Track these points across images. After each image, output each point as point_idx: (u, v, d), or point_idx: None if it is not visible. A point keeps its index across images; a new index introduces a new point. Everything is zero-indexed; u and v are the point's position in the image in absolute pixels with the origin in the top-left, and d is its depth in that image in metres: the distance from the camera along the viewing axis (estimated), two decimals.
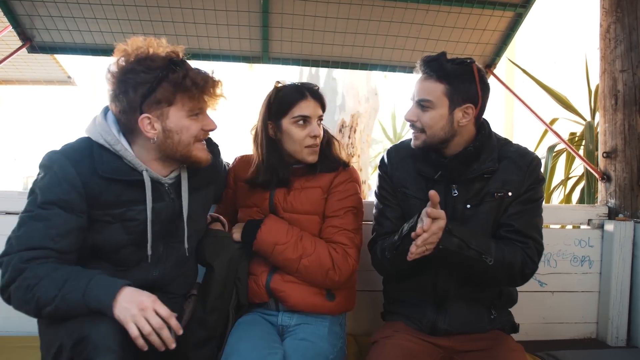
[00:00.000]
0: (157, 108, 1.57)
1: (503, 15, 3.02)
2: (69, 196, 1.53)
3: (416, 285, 1.88)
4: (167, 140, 1.60)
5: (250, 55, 3.23)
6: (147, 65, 1.56)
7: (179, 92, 1.57)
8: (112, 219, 1.61)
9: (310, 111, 1.91)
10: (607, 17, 2.81)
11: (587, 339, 2.69)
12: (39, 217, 1.51)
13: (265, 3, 2.88)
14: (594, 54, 3.21)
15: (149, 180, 1.62)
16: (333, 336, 1.89)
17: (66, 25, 2.88)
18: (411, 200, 1.87)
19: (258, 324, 1.89)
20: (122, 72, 1.56)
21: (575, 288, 2.68)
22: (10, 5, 2.79)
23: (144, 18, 2.90)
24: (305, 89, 1.94)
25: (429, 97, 1.75)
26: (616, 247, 2.62)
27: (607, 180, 2.82)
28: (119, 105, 1.58)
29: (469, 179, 1.80)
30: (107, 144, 1.58)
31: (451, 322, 1.85)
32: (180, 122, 1.60)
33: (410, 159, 1.90)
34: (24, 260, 1.46)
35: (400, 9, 2.93)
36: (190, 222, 1.75)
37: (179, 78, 1.56)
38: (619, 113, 2.75)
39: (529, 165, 1.80)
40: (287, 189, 1.95)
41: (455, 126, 1.77)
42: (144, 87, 1.54)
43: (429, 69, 1.76)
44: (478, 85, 1.75)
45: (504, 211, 1.80)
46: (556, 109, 4.33)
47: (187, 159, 1.67)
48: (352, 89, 6.74)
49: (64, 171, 1.53)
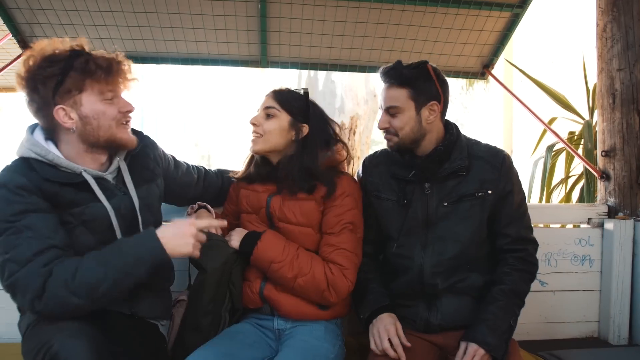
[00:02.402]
0: (69, 97, 1.59)
1: (500, 16, 3.03)
2: (31, 200, 1.53)
3: (405, 284, 1.94)
4: (86, 127, 1.62)
5: (248, 59, 3.25)
6: (51, 59, 1.60)
7: (87, 78, 1.60)
8: (74, 220, 1.61)
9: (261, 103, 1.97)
10: (603, 16, 2.82)
11: (589, 338, 2.69)
12: (20, 229, 1.49)
13: (263, 7, 2.89)
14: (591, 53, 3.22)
15: (92, 178, 1.64)
16: (331, 335, 1.89)
17: (65, 32, 2.89)
18: (384, 202, 1.98)
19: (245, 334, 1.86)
20: (28, 72, 1.59)
21: (576, 287, 2.68)
22: (10, 14, 2.81)
23: (142, 24, 2.91)
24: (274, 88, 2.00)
25: (395, 104, 1.86)
26: (616, 245, 2.62)
27: (607, 179, 2.83)
28: (34, 105, 1.61)
29: (441, 177, 1.89)
30: (39, 157, 1.60)
31: (443, 317, 1.90)
32: (94, 107, 1.62)
33: (383, 164, 2.02)
34: (42, 265, 1.46)
35: (398, 11, 2.94)
36: (146, 212, 1.78)
37: (82, 63, 1.60)
38: (617, 112, 2.76)
39: (502, 163, 1.91)
40: (282, 197, 1.91)
41: (424, 124, 1.87)
42: (52, 80, 1.57)
43: (390, 77, 1.88)
44: (436, 82, 1.87)
45: (495, 217, 1.92)
46: (554, 109, 4.33)
47: (112, 142, 1.68)
48: (351, 91, 6.76)
49: (15, 181, 1.54)
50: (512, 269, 1.89)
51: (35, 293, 1.45)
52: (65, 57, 1.60)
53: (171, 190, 2.01)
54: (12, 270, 1.47)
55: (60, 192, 1.59)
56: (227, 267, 1.85)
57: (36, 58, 1.60)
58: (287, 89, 1.99)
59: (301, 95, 1.98)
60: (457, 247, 1.88)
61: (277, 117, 1.91)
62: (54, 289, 1.45)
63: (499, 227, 1.92)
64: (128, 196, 1.73)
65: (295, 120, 1.92)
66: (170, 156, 2.06)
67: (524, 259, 1.91)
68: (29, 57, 1.61)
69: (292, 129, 1.92)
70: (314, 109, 1.98)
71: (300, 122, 1.93)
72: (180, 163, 2.09)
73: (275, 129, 1.91)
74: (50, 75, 1.57)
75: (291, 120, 1.92)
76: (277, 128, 1.91)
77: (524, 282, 1.90)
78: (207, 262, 1.80)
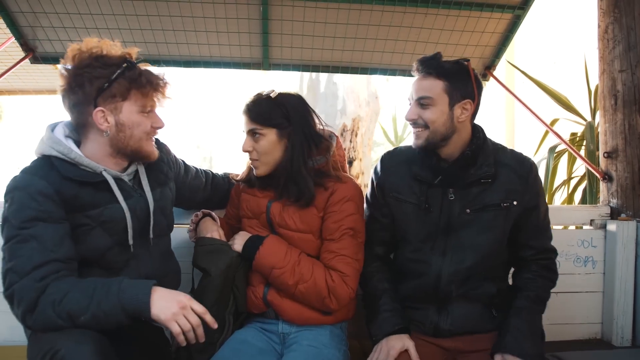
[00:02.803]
0: (112, 102, 1.62)
1: (501, 18, 3.03)
2: (45, 207, 1.53)
3: (418, 289, 1.90)
4: (119, 134, 1.65)
5: (250, 61, 3.25)
6: (104, 61, 1.62)
7: (134, 88, 1.64)
8: (91, 221, 1.63)
9: (243, 126, 1.90)
10: (604, 17, 2.82)
11: (593, 340, 2.69)
12: (27, 238, 1.50)
13: (265, 10, 2.89)
14: (593, 54, 3.22)
15: (111, 178, 1.66)
16: (336, 340, 1.88)
17: (68, 35, 2.90)
18: (403, 204, 1.90)
19: (250, 343, 1.85)
20: (78, 67, 1.61)
21: (579, 289, 2.68)
22: (12, 17, 2.82)
23: (144, 27, 2.92)
24: (247, 102, 1.91)
25: (429, 94, 1.78)
26: (619, 247, 2.62)
27: (609, 180, 2.82)
28: (73, 98, 1.62)
29: (466, 184, 1.83)
30: (61, 155, 1.61)
31: (453, 322, 1.86)
32: (132, 117, 1.65)
33: (405, 164, 1.92)
34: (38, 279, 1.46)
35: (399, 12, 2.95)
36: (160, 215, 1.80)
37: (135, 75, 1.64)
38: (619, 113, 2.76)
39: (529, 173, 1.85)
40: (282, 203, 1.89)
41: (455, 122, 1.79)
42: (100, 81, 1.60)
43: (428, 67, 1.79)
44: (474, 83, 1.81)
45: (520, 228, 1.88)
46: (556, 110, 4.33)
47: (137, 153, 1.71)
48: (353, 93, 6.76)
49: (34, 186, 1.54)
50: (536, 275, 1.88)
51: (28, 307, 1.45)
52: (118, 63, 1.63)
53: (181, 194, 2.03)
54: (12, 280, 1.48)
55: (79, 193, 1.60)
56: (230, 271, 1.85)
57: (85, 55, 1.62)
58: (258, 99, 1.90)
59: (274, 100, 1.89)
60: (476, 257, 1.83)
61: (264, 137, 1.86)
62: (44, 306, 1.45)
63: (523, 238, 1.89)
64: (144, 198, 1.75)
65: (281, 131, 1.87)
66: (181, 161, 2.08)
67: (548, 267, 1.92)
68: (78, 53, 1.63)
69: (282, 139, 1.87)
70: (289, 110, 1.88)
71: (285, 128, 1.87)
72: (190, 167, 2.11)
73: (268, 148, 1.86)
74: (100, 76, 1.60)
75: (277, 132, 1.86)
76: (269, 146, 1.86)
77: (547, 289, 1.91)
78: (210, 265, 1.81)
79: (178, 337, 1.46)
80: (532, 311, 1.83)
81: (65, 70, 1.63)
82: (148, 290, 1.48)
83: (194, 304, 1.51)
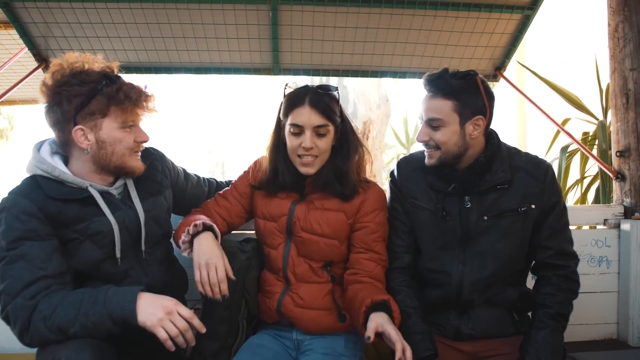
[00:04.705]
0: (91, 120, 1.61)
1: (511, 18, 3.03)
2: (30, 225, 1.54)
3: (438, 295, 1.88)
4: (100, 152, 1.64)
5: (261, 67, 3.28)
6: (81, 78, 1.61)
7: (112, 105, 1.62)
8: (79, 235, 1.63)
9: (303, 120, 1.77)
10: (614, 16, 2.81)
11: (608, 340, 2.66)
12: (15, 258, 1.51)
13: (275, 15, 2.91)
14: (603, 53, 3.20)
15: (97, 193, 1.66)
16: (352, 346, 1.86)
17: (80, 45, 2.94)
18: (420, 211, 1.88)
19: (267, 347, 1.83)
20: (56, 85, 1.60)
21: (594, 289, 2.66)
22: (25, 28, 2.87)
23: (155, 35, 2.96)
24: (307, 94, 1.80)
25: (438, 116, 1.74)
26: (633, 246, 2.59)
27: (622, 179, 2.80)
28: (53, 117, 1.62)
29: (482, 190, 1.80)
30: (45, 173, 1.61)
31: (474, 326, 1.85)
32: (113, 134, 1.64)
33: (420, 171, 1.90)
34: (29, 297, 1.48)
35: (408, 15, 2.95)
36: (153, 225, 1.79)
37: (112, 91, 1.62)
38: (630, 112, 2.74)
39: (546, 175, 1.82)
40: (307, 206, 1.85)
41: (468, 139, 1.77)
42: (78, 99, 1.59)
43: (435, 87, 1.75)
44: (484, 96, 1.76)
45: (536, 230, 1.83)
46: (568, 109, 4.30)
47: (121, 169, 1.70)
48: (364, 96, 6.78)
49: (18, 205, 1.55)
50: (556, 290, 1.82)
51: (22, 326, 1.47)
52: (96, 80, 1.62)
53: (181, 203, 2.02)
54: (5, 302, 1.50)
55: (63, 210, 1.60)
56: (240, 274, 1.83)
57: (65, 72, 1.61)
58: (321, 91, 1.82)
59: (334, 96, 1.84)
60: (496, 264, 1.81)
61: (328, 133, 1.81)
62: (37, 323, 1.46)
63: (539, 239, 1.84)
64: (133, 209, 1.74)
65: (336, 128, 1.85)
66: (181, 168, 2.06)
67: (567, 277, 1.84)
68: (58, 69, 1.62)
69: (335, 137, 1.85)
70: (341, 108, 1.88)
71: (338, 126, 1.85)
72: (191, 175, 2.09)
73: (328, 145, 1.83)
74: (77, 94, 1.59)
75: (335, 129, 1.84)
76: (329, 144, 1.83)
77: (569, 303, 1.84)
78: None
79: (165, 343, 1.44)
80: (554, 330, 1.77)
81: (45, 87, 1.62)
82: (133, 297, 1.47)
83: (181, 308, 1.49)
